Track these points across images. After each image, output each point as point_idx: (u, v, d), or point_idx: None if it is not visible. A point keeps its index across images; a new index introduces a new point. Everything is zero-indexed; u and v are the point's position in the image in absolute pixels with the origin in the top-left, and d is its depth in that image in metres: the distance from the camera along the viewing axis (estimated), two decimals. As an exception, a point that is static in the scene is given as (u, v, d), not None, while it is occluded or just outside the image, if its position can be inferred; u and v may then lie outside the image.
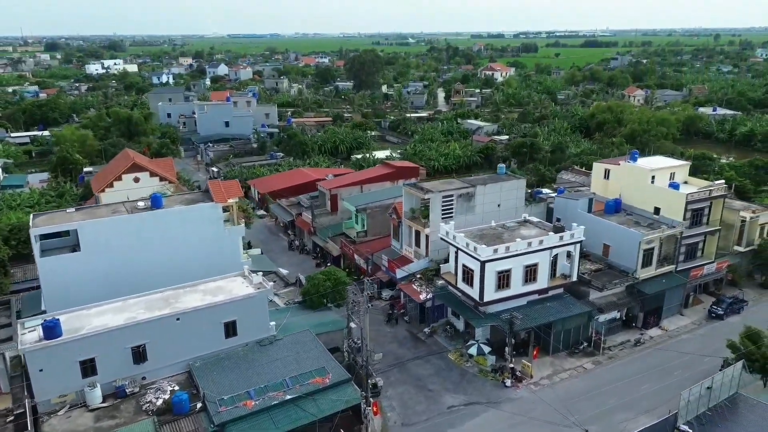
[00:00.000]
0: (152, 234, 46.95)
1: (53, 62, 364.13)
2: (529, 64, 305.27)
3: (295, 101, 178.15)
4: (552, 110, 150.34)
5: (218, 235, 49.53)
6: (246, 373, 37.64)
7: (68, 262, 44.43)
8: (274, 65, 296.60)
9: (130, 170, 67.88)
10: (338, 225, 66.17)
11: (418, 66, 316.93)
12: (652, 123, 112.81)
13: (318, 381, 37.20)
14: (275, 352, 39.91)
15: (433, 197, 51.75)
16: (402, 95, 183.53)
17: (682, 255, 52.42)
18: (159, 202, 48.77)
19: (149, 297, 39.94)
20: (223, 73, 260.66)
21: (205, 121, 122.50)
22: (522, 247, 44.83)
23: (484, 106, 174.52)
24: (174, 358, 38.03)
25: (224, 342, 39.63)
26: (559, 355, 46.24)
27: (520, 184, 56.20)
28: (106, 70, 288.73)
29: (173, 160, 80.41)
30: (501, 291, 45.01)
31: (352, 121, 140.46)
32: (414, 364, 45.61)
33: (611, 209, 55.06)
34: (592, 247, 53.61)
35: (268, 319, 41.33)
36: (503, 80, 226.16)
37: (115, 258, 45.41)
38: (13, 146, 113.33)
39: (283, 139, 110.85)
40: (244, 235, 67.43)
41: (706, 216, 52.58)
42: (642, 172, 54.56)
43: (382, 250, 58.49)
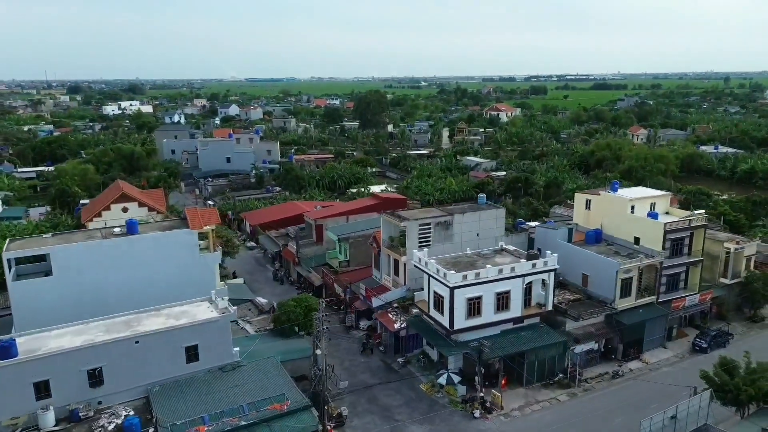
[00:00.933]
0: (126, 259, 47.29)
1: (72, 104, 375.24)
2: (536, 106, 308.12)
3: (301, 139, 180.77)
4: (553, 148, 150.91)
5: (193, 262, 49.72)
6: (204, 399, 36.99)
7: (40, 286, 44.75)
8: (285, 106, 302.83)
9: (119, 200, 69.04)
10: (323, 255, 66.00)
11: (426, 107, 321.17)
12: (650, 159, 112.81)
13: (276, 407, 36.42)
14: (237, 379, 39.26)
15: (409, 225, 51.60)
16: (405, 134, 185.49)
17: (664, 286, 51.37)
18: (134, 228, 49.22)
19: (110, 320, 39.79)
20: (234, 113, 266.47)
21: (206, 157, 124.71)
22: (492, 274, 44.25)
23: (486, 144, 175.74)
24: (132, 382, 37.51)
25: (185, 367, 39.11)
26: (533, 386, 44.92)
27: (499, 214, 55.88)
28: (122, 111, 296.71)
29: (174, 193, 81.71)
30: (472, 319, 44.21)
31: (353, 158, 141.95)
32: (384, 395, 44.53)
33: (591, 239, 54.41)
34: (572, 277, 52.82)
35: (231, 344, 40.87)
36: (508, 120, 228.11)
37: (87, 282, 45.68)
38: (18, 180, 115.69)
39: (281, 173, 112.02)
40: (227, 265, 68.28)
41: (686, 246, 51.71)
42: (621, 202, 54.11)
43: (363, 280, 58.06)
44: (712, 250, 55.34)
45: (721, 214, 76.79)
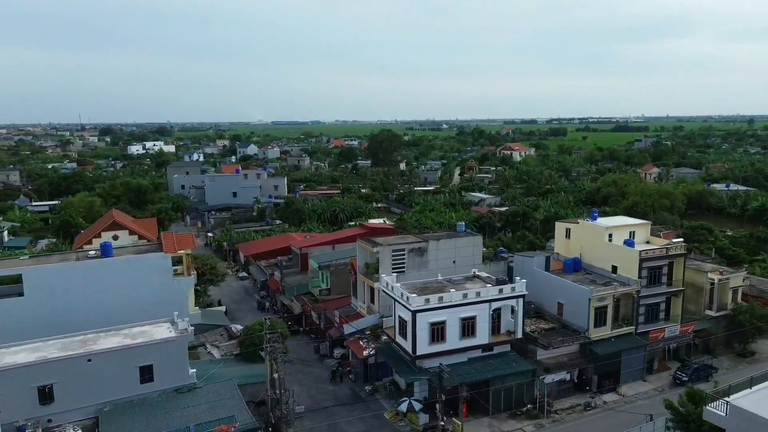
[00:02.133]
0: (99, 281, 47.86)
1: (100, 144, 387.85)
2: (552, 146, 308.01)
3: (312, 177, 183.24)
4: (560, 185, 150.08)
5: (167, 285, 50.02)
6: (153, 420, 36.66)
7: (11, 305, 45.44)
8: (303, 146, 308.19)
9: (110, 228, 70.37)
10: (306, 284, 65.88)
11: (442, 147, 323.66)
12: (654, 196, 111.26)
13: (223, 428, 35.88)
14: (190, 400, 38.92)
15: (382, 251, 51.39)
16: (413, 171, 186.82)
17: (642, 316, 49.80)
18: (108, 251, 50.06)
19: (68, 339, 40.06)
20: (252, 152, 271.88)
21: (212, 191, 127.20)
22: (457, 298, 43.56)
23: (496, 182, 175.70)
24: (84, 401, 37.41)
25: (139, 387, 38.95)
26: (499, 416, 43.45)
27: (476, 241, 55.36)
28: (146, 150, 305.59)
29: (179, 225, 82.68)
30: (436, 344, 43.34)
31: (360, 193, 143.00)
32: (345, 422, 43.49)
33: (570, 268, 53.37)
34: (548, 306, 51.69)
35: (187, 365, 40.68)
36: (521, 159, 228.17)
37: (59, 303, 46.19)
38: (30, 213, 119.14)
39: (282, 207, 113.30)
40: (212, 293, 68.57)
41: (665, 275, 50.28)
42: (598, 230, 53.21)
43: (341, 308, 57.58)
44: (696, 281, 53.76)
45: (717, 248, 74.93)
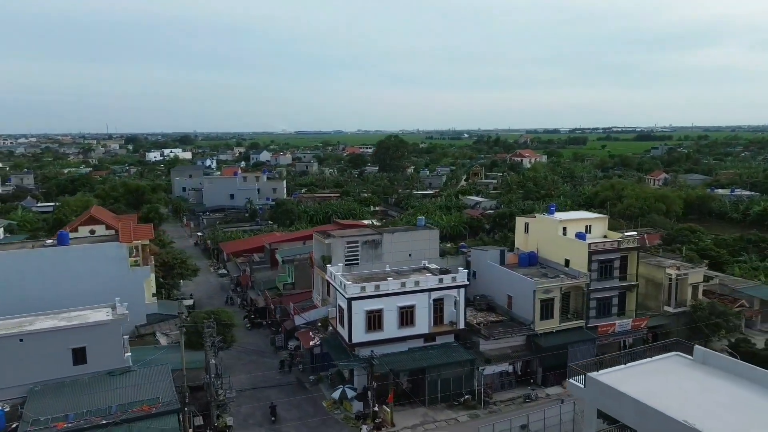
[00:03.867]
0: (54, 269, 49.02)
1: (121, 151, 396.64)
2: (566, 154, 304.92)
3: (317, 181, 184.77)
4: (562, 189, 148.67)
5: (122, 275, 50.96)
6: (79, 399, 37.16)
7: (-36, 290, 46.74)
8: (316, 153, 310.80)
9: (87, 222, 71.63)
10: (275, 279, 66.29)
11: (455, 155, 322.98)
12: (650, 199, 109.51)
13: (144, 409, 36.30)
14: (121, 382, 39.39)
15: (333, 242, 51.56)
16: (414, 176, 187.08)
17: (594, 310, 48.94)
18: (65, 239, 51.25)
19: (4, 321, 40.96)
20: (265, 159, 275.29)
21: (210, 193, 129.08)
22: (394, 287, 43.49)
23: (501, 187, 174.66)
24: (16, 380, 38.03)
25: (72, 369, 39.55)
26: (436, 405, 43.04)
27: (433, 235, 55.16)
28: (163, 157, 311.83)
29: (176, 225, 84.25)
30: (372, 333, 43.27)
31: (359, 197, 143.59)
32: (282, 409, 43.58)
33: (524, 261, 52.84)
34: (500, 300, 51.14)
35: (122, 349, 41.24)
36: (530, 165, 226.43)
37: (14, 289, 47.33)
38: (32, 213, 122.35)
39: (273, 208, 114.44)
40: (183, 288, 69.51)
41: (617, 269, 49.37)
42: (552, 224, 52.59)
43: (303, 301, 57.82)
44: (654, 276, 52.71)
45: (698, 249, 73.19)
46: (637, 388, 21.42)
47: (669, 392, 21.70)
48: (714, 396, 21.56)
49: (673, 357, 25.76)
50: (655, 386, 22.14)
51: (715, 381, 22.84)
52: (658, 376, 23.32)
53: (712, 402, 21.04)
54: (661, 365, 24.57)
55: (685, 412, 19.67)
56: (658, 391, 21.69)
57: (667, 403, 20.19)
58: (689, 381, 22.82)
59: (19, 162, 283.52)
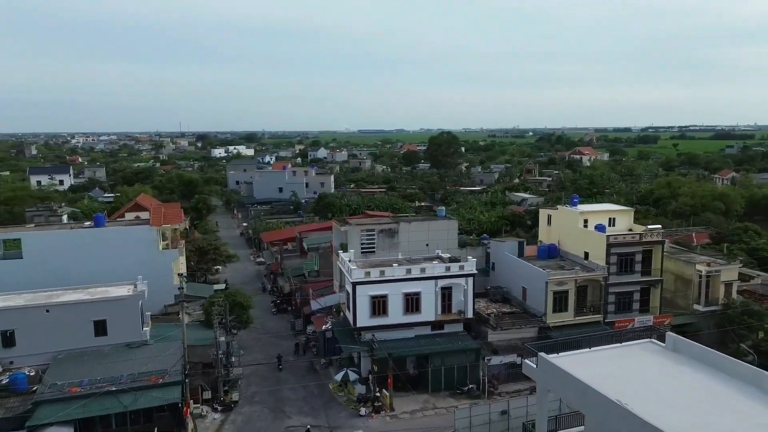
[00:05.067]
0: (90, 249, 52.35)
1: (190, 148, 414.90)
2: (632, 153, 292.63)
3: (368, 177, 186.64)
4: (617, 188, 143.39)
5: (152, 256, 53.74)
6: (96, 368, 39.76)
7: (9, 266, 50.83)
8: (372, 150, 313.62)
9: (132, 209, 76.20)
10: (303, 267, 67.86)
11: (514, 153, 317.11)
12: (708, 198, 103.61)
13: (152, 379, 38.37)
14: (136, 354, 41.80)
15: (350, 230, 52.27)
16: (470, 173, 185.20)
17: (613, 305, 47.15)
18: (101, 221, 54.66)
19: (37, 293, 44.24)
20: (322, 156, 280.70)
21: (260, 186, 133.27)
22: (399, 273, 43.65)
23: (554, 184, 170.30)
24: (42, 348, 41.20)
25: (93, 340, 42.38)
26: (440, 393, 42.85)
27: (451, 225, 54.85)
28: (227, 153, 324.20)
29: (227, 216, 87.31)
30: (377, 318, 43.66)
31: (404, 192, 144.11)
32: (289, 390, 44.77)
33: (544, 254, 51.63)
34: (516, 292, 50.21)
35: (139, 323, 43.68)
36: (589, 163, 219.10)
37: (53, 266, 50.92)
38: (97, 202, 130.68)
39: (315, 201, 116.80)
40: (221, 273, 72.35)
41: (638, 263, 47.31)
42: (573, 216, 51.03)
43: (325, 288, 58.96)
44: (684, 272, 50.10)
45: (749, 249, 68.65)
46: (590, 372, 20.73)
47: (623, 376, 20.87)
48: (671, 381, 20.56)
49: (646, 344, 24.68)
50: (611, 370, 21.34)
51: (678, 367, 21.76)
52: (619, 360, 22.44)
53: (666, 387, 20.09)
54: (628, 351, 23.59)
55: (631, 396, 18.92)
56: (613, 375, 20.91)
57: (614, 386, 19.48)
58: (651, 366, 21.81)
59: (96, 157, 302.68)
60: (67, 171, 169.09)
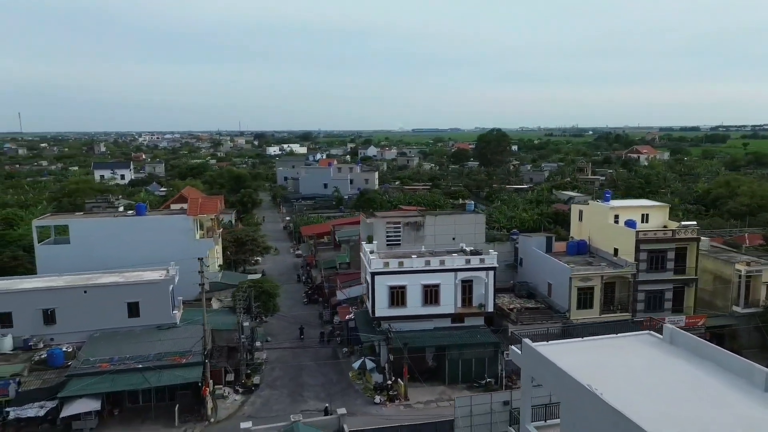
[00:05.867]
0: (131, 236, 55.20)
1: (247, 146, 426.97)
2: (696, 152, 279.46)
3: (414, 175, 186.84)
4: (674, 187, 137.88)
5: (188, 244, 56.06)
6: (127, 347, 42.00)
7: (59, 250, 54.27)
8: (422, 149, 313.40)
9: (177, 200, 79.50)
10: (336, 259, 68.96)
11: (568, 152, 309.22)
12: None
13: (176, 359, 40.18)
14: (165, 336, 43.86)
15: (375, 222, 52.71)
16: (518, 171, 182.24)
17: (642, 303, 45.54)
18: (142, 210, 57.47)
19: (77, 276, 47.03)
20: (371, 154, 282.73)
21: (306, 182, 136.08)
22: (417, 265, 43.76)
23: (607, 183, 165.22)
24: (80, 326, 43.85)
25: (127, 321, 44.75)
26: (456, 385, 42.66)
27: (478, 219, 54.31)
28: (281, 151, 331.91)
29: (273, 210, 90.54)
30: (395, 308, 43.95)
31: (448, 189, 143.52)
32: (309, 376, 45.74)
33: (572, 250, 50.45)
34: (542, 287, 49.32)
35: (169, 306, 45.73)
36: (647, 162, 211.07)
37: (97, 251, 54.02)
38: (153, 195, 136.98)
39: (357, 197, 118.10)
40: (260, 263, 74.44)
41: (671, 261, 45.46)
42: (603, 211, 49.56)
43: (351, 279, 59.76)
44: (723, 272, 47.75)
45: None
46: (575, 359, 20.28)
47: (609, 365, 20.28)
48: (658, 372, 19.82)
49: (644, 336, 23.82)
50: (598, 359, 20.77)
51: (669, 359, 20.92)
52: (610, 350, 21.78)
53: (651, 377, 19.42)
54: (623, 342, 22.83)
55: (611, 384, 18.46)
56: (598, 363, 20.36)
57: (596, 374, 19.04)
58: (641, 357, 21.07)
59: (159, 154, 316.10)
60: (128, 166, 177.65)
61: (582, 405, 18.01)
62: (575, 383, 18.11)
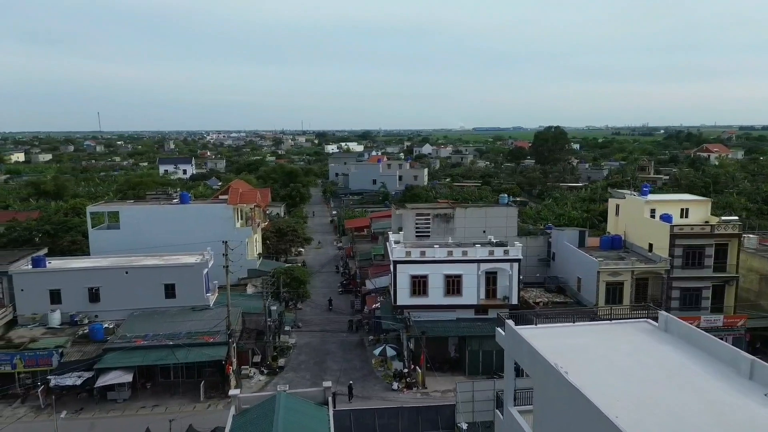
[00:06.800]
0: (175, 222, 58.11)
1: (306, 144, 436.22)
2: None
3: (466, 172, 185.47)
4: (742, 187, 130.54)
5: (227, 231, 58.30)
6: (162, 325, 44.41)
7: (110, 235, 57.92)
8: (478, 147, 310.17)
9: (225, 192, 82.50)
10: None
11: (633, 150, 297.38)
12: None
13: (205, 338, 42.14)
14: (198, 316, 46.06)
15: (404, 214, 53.06)
16: (576, 170, 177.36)
17: (676, 301, 43.66)
18: (185, 199, 60.32)
19: (121, 258, 50.03)
20: (426, 152, 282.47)
21: (355, 178, 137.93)
22: (440, 255, 43.79)
23: (670, 182, 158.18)
24: (122, 304, 46.77)
25: (164, 301, 47.30)
26: (477, 376, 42.28)
27: (510, 213, 53.60)
28: (339, 149, 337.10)
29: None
30: (417, 297, 44.18)
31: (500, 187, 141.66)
32: (333, 361, 46.74)
33: (606, 244, 48.98)
34: (573, 282, 48.17)
35: (203, 288, 47.92)
36: (717, 162, 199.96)
37: (144, 236, 57.19)
38: (210, 189, 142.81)
39: (402, 193, 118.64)
40: (302, 255, 76.41)
41: (709, 258, 43.29)
42: (639, 205, 47.76)
43: (384, 270, 60.37)
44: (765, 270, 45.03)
45: None
46: (556, 342, 19.96)
47: (590, 349, 19.81)
48: (641, 356, 19.12)
49: (640, 323, 23.01)
50: (581, 343, 20.30)
51: (657, 345, 20.15)
52: (597, 335, 21.19)
53: (632, 361, 18.84)
54: (615, 328, 22.15)
55: (585, 366, 18.13)
56: (579, 347, 19.90)
57: (572, 356, 18.74)
58: (628, 342, 20.38)
59: (223, 151, 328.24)
60: (189, 162, 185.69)
61: (549, 383, 17.83)
62: (545, 362, 17.93)
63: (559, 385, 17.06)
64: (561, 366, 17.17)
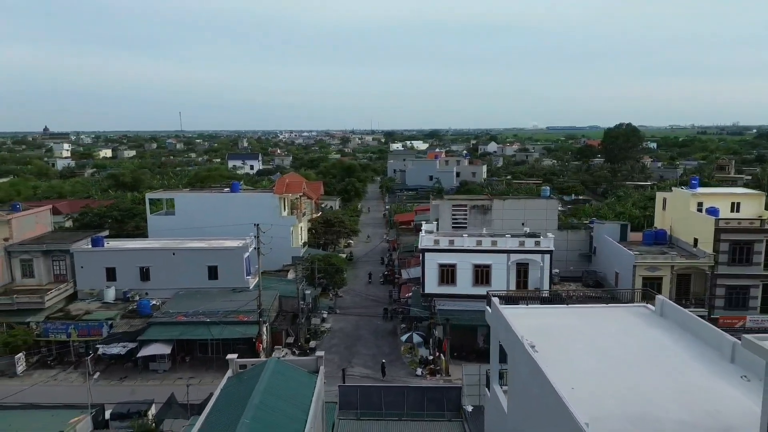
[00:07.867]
0: (225, 210, 61.00)
1: (372, 143, 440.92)
2: None
3: (530, 170, 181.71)
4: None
5: (273, 219, 60.56)
6: (202, 303, 46.94)
7: (166, 220, 61.63)
8: (547, 145, 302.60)
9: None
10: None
11: (717, 150, 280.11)
12: None
13: (240, 317, 44.19)
14: (236, 297, 48.24)
15: (441, 205, 53.26)
16: (646, 168, 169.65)
17: (722, 299, 41.28)
18: (235, 188, 63.13)
19: (171, 240, 53.16)
20: (491, 150, 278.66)
21: (412, 174, 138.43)
22: (469, 244, 43.63)
23: (752, 182, 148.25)
24: (169, 284, 49.82)
25: (207, 282, 49.91)
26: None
27: (551, 205, 52.52)
28: (404, 147, 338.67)
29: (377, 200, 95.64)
30: (445, 286, 44.26)
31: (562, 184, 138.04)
32: (364, 347, 47.62)
33: (650, 239, 46.98)
34: (611, 277, 46.58)
35: (243, 271, 50.11)
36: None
37: (197, 221, 60.39)
38: (273, 184, 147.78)
39: (456, 188, 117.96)
40: (351, 248, 78.05)
41: (759, 254, 40.61)
42: (685, 198, 45.46)
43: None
44: (829, 270, 41.64)
45: None
46: (541, 323, 19.68)
47: (574, 330, 19.40)
48: (625, 338, 18.52)
49: (637, 307, 22.10)
50: (568, 324, 19.90)
51: (647, 329, 19.32)
52: (587, 318, 20.58)
53: (614, 343, 18.31)
54: (609, 311, 21.35)
55: (560, 346, 17.89)
56: (565, 327, 19.56)
57: (553, 336, 18.53)
58: (617, 325, 19.73)
59: (293, 150, 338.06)
60: (257, 158, 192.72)
61: (518, 359, 17.78)
62: (516, 338, 17.88)
63: (525, 359, 16.99)
64: (528, 340, 17.09)
